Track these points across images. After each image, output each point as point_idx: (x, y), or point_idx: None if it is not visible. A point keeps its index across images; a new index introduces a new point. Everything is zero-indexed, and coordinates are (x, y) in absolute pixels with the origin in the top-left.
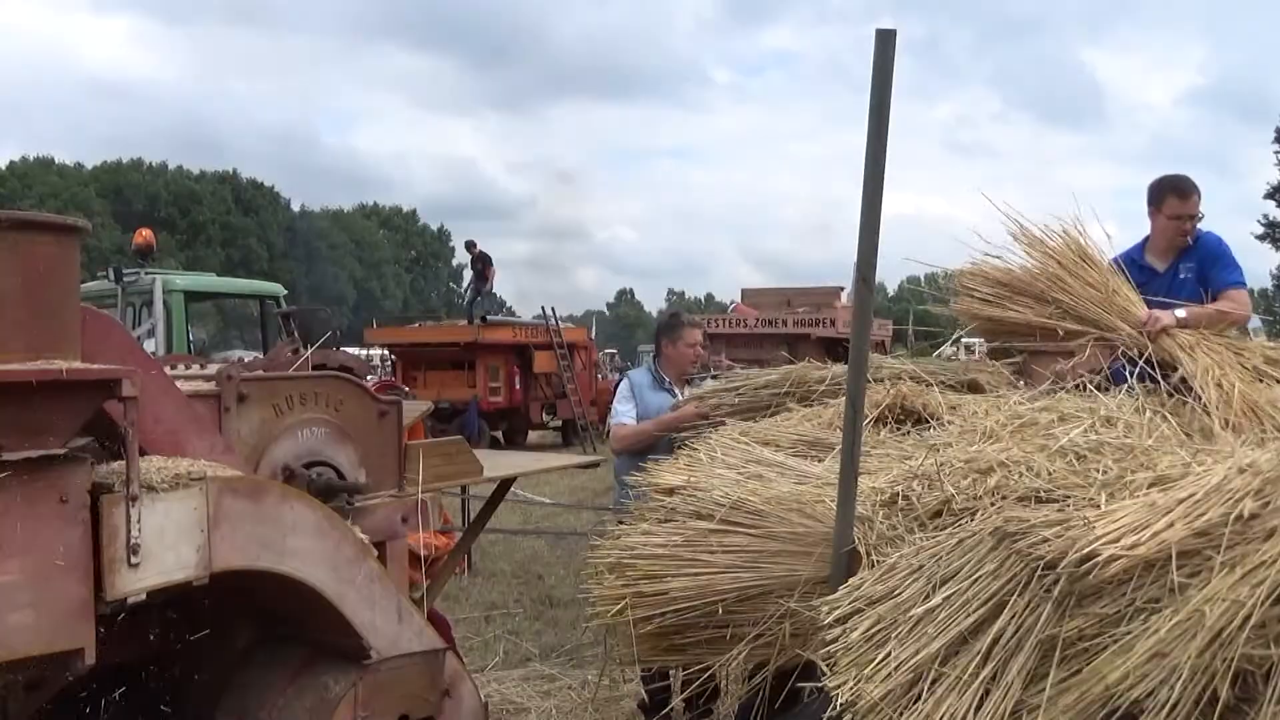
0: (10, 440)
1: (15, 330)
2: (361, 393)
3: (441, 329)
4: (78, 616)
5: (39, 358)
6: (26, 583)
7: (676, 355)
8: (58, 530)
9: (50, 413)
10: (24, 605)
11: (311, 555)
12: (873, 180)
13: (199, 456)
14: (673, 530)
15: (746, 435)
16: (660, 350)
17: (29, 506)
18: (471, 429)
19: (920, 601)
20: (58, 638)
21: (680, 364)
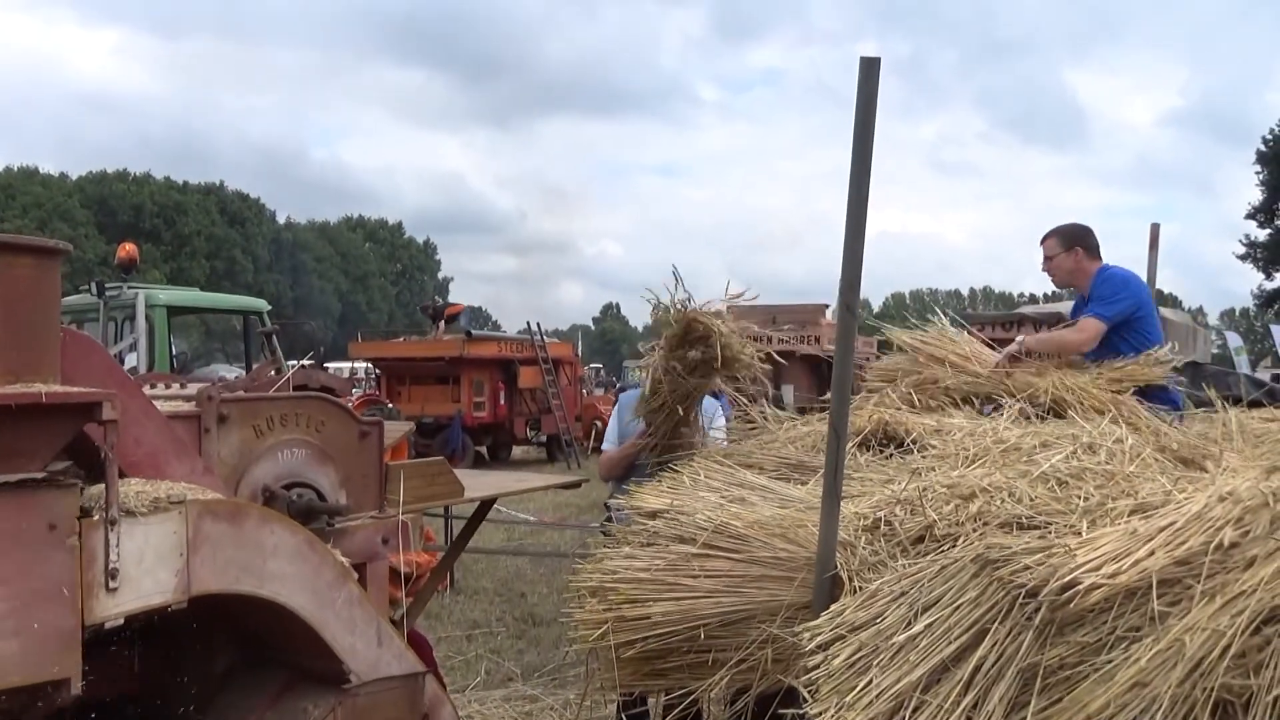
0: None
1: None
2: (343, 414)
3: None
4: (64, 645)
5: (17, 380)
6: (11, 611)
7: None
8: (45, 557)
9: (29, 436)
10: (9, 634)
11: (292, 579)
12: (856, 207)
13: (179, 479)
14: (655, 554)
15: (729, 458)
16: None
17: (15, 532)
18: (455, 444)
19: (902, 628)
20: (44, 667)
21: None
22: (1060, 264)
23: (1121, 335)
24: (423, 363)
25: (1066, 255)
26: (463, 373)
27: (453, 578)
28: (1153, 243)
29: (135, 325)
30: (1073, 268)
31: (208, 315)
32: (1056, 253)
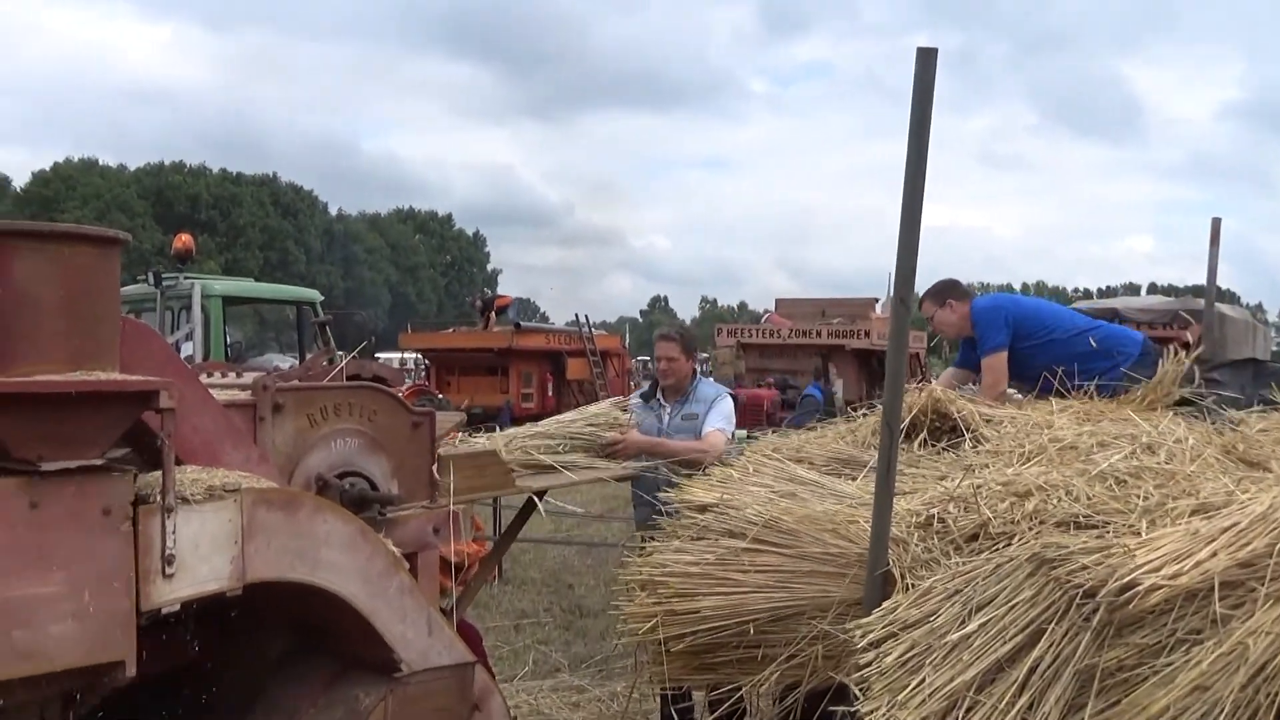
0: (49, 451)
1: (55, 341)
2: (395, 404)
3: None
4: (119, 628)
5: (78, 368)
6: (69, 594)
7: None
8: (101, 542)
9: (89, 424)
10: (66, 617)
11: (344, 568)
12: (912, 199)
13: (234, 467)
14: (705, 548)
15: (779, 452)
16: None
17: (72, 518)
18: None
19: (956, 627)
20: (99, 649)
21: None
22: (943, 319)
23: (1033, 344)
24: (472, 353)
25: (942, 310)
26: (511, 364)
27: (500, 568)
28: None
29: (191, 315)
30: (955, 319)
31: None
32: (933, 312)
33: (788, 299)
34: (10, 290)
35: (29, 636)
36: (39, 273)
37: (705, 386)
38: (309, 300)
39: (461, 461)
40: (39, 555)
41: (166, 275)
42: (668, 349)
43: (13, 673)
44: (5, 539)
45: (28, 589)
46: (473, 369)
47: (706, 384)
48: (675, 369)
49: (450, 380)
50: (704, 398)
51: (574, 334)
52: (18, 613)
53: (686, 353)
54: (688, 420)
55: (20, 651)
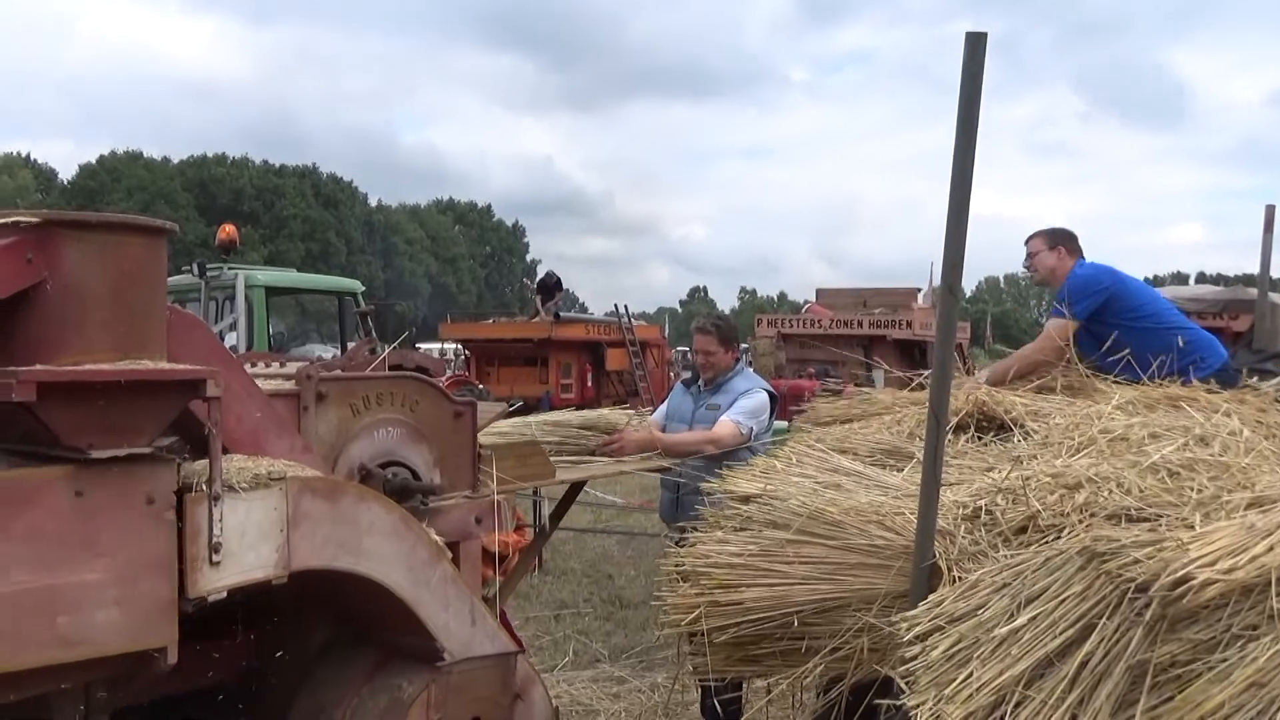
0: (98, 439)
1: (103, 330)
2: (437, 394)
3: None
4: (162, 615)
5: (126, 357)
6: (113, 581)
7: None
8: (144, 529)
9: (137, 412)
10: (110, 603)
11: (387, 557)
12: (960, 186)
13: (279, 456)
14: (748, 539)
15: (823, 443)
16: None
17: (117, 505)
18: None
19: (1004, 621)
20: (142, 636)
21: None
22: (1042, 260)
23: (1109, 324)
24: (511, 344)
25: (1049, 253)
26: (551, 354)
27: (541, 558)
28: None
29: (235, 305)
30: (1053, 265)
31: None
32: (1040, 249)
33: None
34: (59, 280)
35: (73, 622)
36: (87, 263)
37: (740, 379)
38: (350, 291)
39: (503, 452)
40: (84, 542)
41: (211, 266)
42: (705, 342)
43: (57, 658)
44: (52, 526)
45: (73, 576)
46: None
47: (744, 376)
48: (714, 362)
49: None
50: (733, 389)
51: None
52: (63, 599)
53: (725, 344)
54: (710, 410)
55: (64, 638)
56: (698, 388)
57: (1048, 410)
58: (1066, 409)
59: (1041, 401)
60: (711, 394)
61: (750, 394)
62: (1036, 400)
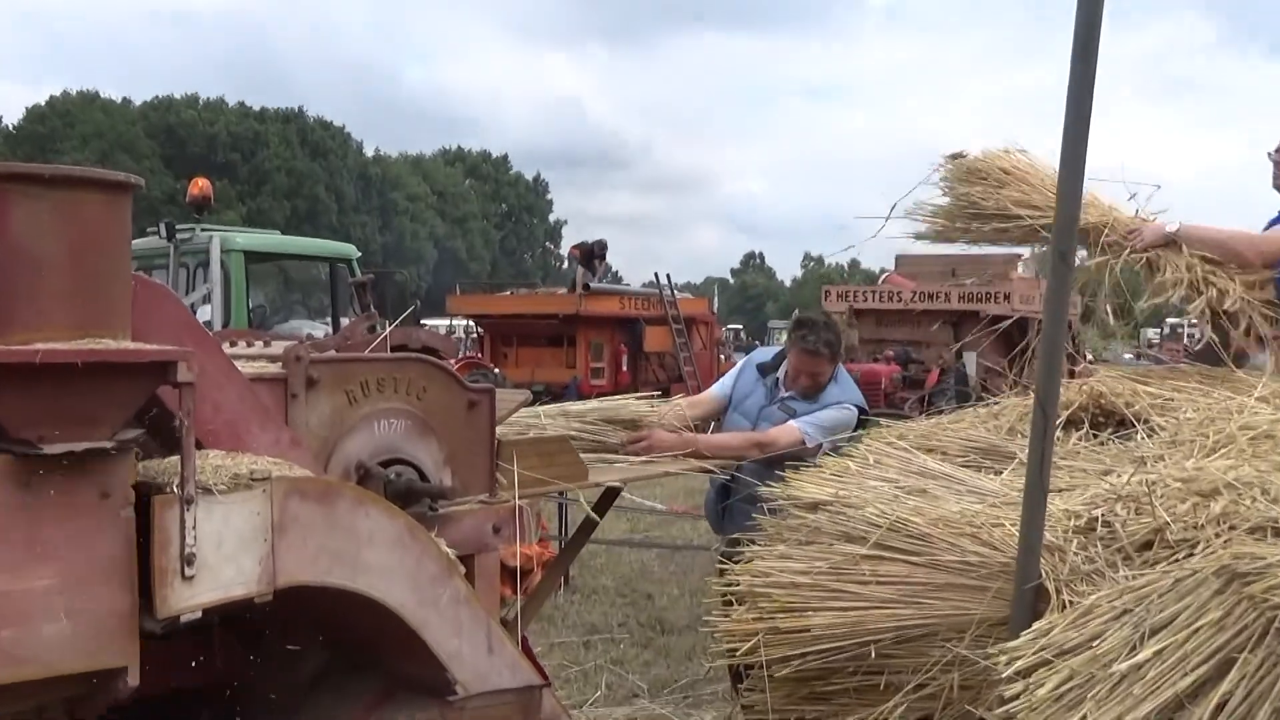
0: (50, 430)
1: (59, 303)
2: (448, 379)
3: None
4: (119, 631)
5: (85, 335)
6: (62, 591)
7: (789, 365)
8: (97, 530)
9: (97, 400)
10: (59, 615)
11: (390, 571)
12: (1075, 130)
13: (262, 452)
14: (816, 554)
15: (905, 439)
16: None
17: (65, 502)
18: None
19: (1125, 654)
20: (97, 654)
21: (789, 374)
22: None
23: None
24: (532, 321)
25: None
26: (579, 333)
27: (568, 575)
28: None
29: (209, 273)
30: None
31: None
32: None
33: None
34: (5, 244)
35: (18, 637)
36: (38, 224)
37: (834, 387)
38: (344, 256)
39: (525, 449)
40: (32, 548)
41: (180, 227)
42: (813, 364)
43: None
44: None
45: (19, 584)
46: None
47: (839, 384)
48: (821, 383)
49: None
50: (825, 398)
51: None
52: (7, 611)
53: (833, 359)
54: (784, 410)
55: (8, 654)
56: (776, 379)
57: (1177, 402)
58: (1200, 400)
59: (1170, 392)
60: (798, 397)
61: (840, 407)
62: (1164, 390)
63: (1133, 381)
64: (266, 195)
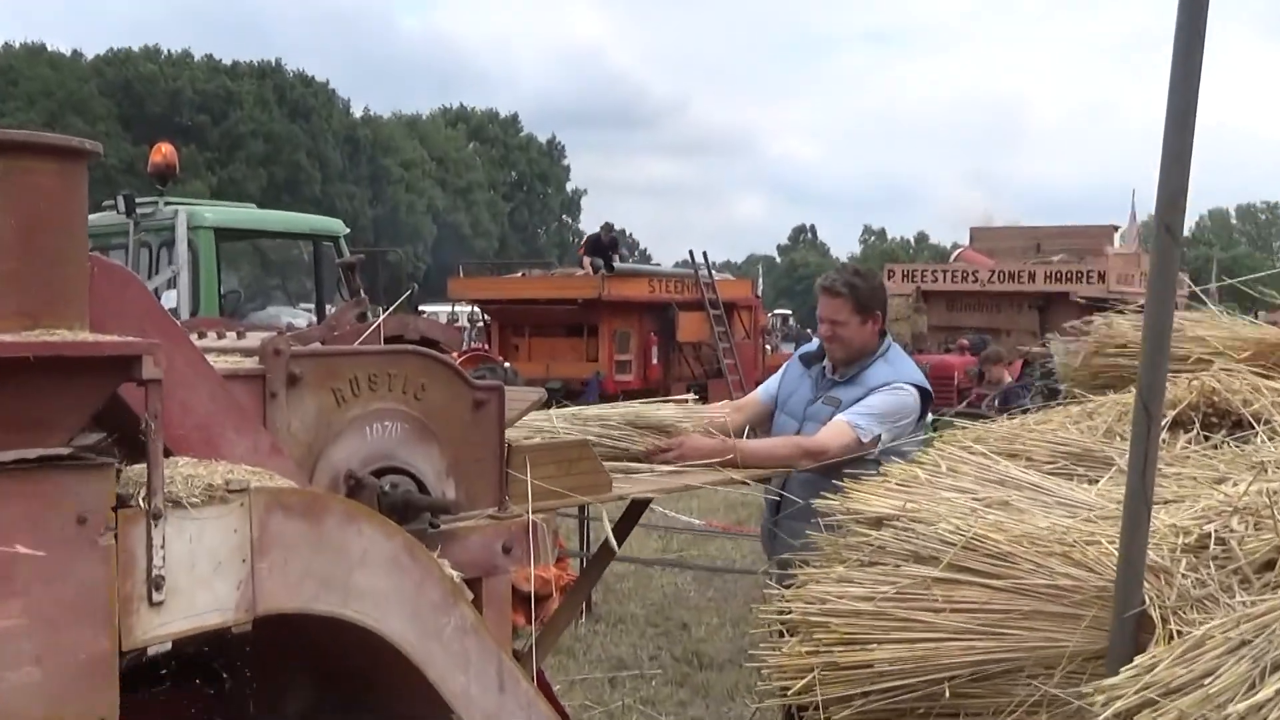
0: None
1: (5, 289)
2: (451, 375)
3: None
4: (97, 678)
5: (36, 325)
6: (29, 631)
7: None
8: (70, 560)
9: (51, 400)
10: (27, 660)
11: (385, 597)
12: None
13: (239, 460)
14: (881, 577)
15: (984, 443)
16: None
17: (32, 527)
18: None
19: (1242, 693)
20: (71, 703)
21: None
22: None
23: None
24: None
25: None
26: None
27: (590, 601)
28: None
29: (175, 254)
30: None
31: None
32: None
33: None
34: None
35: None
36: None
37: (882, 365)
38: (330, 233)
39: (541, 455)
40: None
41: (142, 201)
42: (832, 308)
43: None
44: None
45: None
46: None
47: (889, 362)
48: (844, 338)
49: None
50: (869, 379)
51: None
52: None
53: (862, 311)
54: (829, 404)
55: None
56: (821, 369)
57: None
58: None
59: None
60: (840, 383)
61: (890, 390)
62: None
63: (1252, 376)
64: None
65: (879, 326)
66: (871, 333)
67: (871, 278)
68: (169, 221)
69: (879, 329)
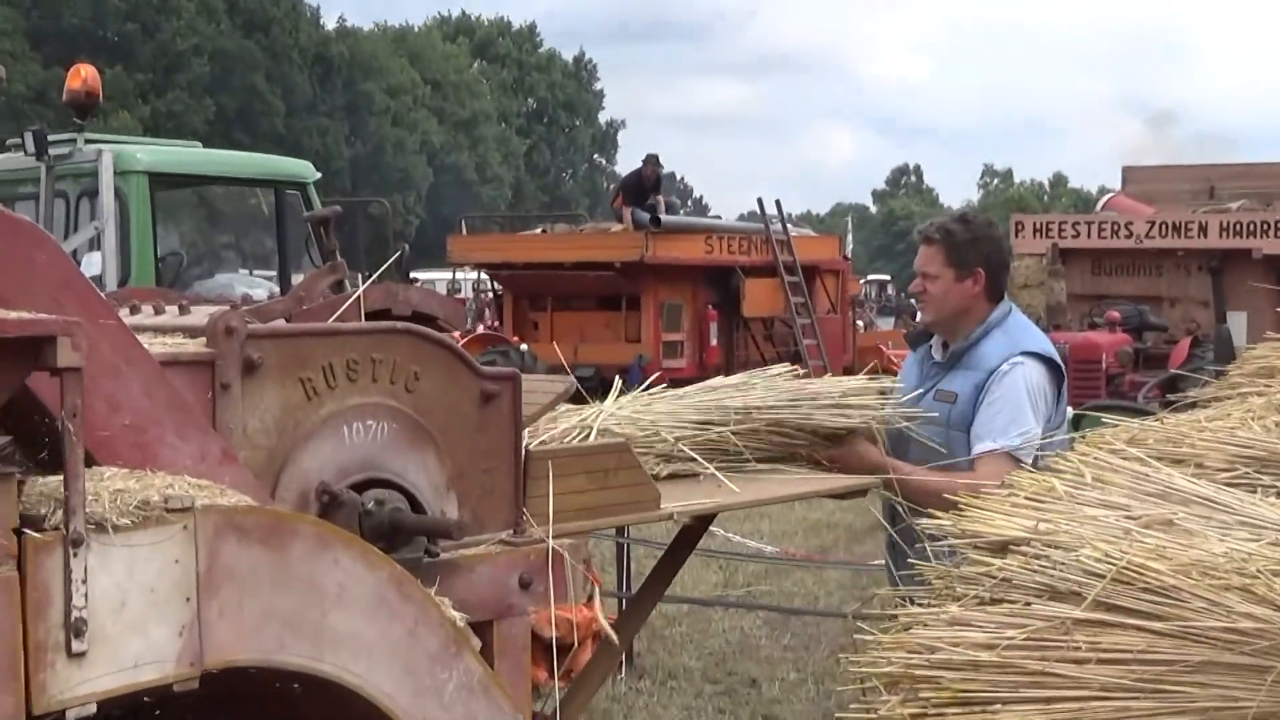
0: None
1: None
2: (452, 360)
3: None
4: None
5: None
6: None
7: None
8: None
9: None
10: None
11: (370, 647)
12: None
13: (181, 470)
14: (1007, 619)
15: (1141, 445)
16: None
17: None
18: None
19: None
20: None
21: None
22: None
23: None
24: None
25: None
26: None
27: (631, 650)
28: None
29: (99, 205)
30: None
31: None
32: None
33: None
34: None
35: None
36: None
37: (999, 339)
38: (296, 179)
39: (568, 462)
40: None
41: (55, 138)
42: (924, 257)
43: None
44: None
45: None
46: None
47: (1005, 333)
48: (933, 294)
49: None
50: (986, 361)
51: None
52: None
53: (958, 265)
54: (942, 400)
55: None
56: (928, 348)
57: None
58: None
59: None
60: (949, 367)
61: (1014, 372)
62: None
63: None
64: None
65: (982, 287)
66: (971, 294)
67: (979, 226)
68: (91, 165)
69: (983, 290)
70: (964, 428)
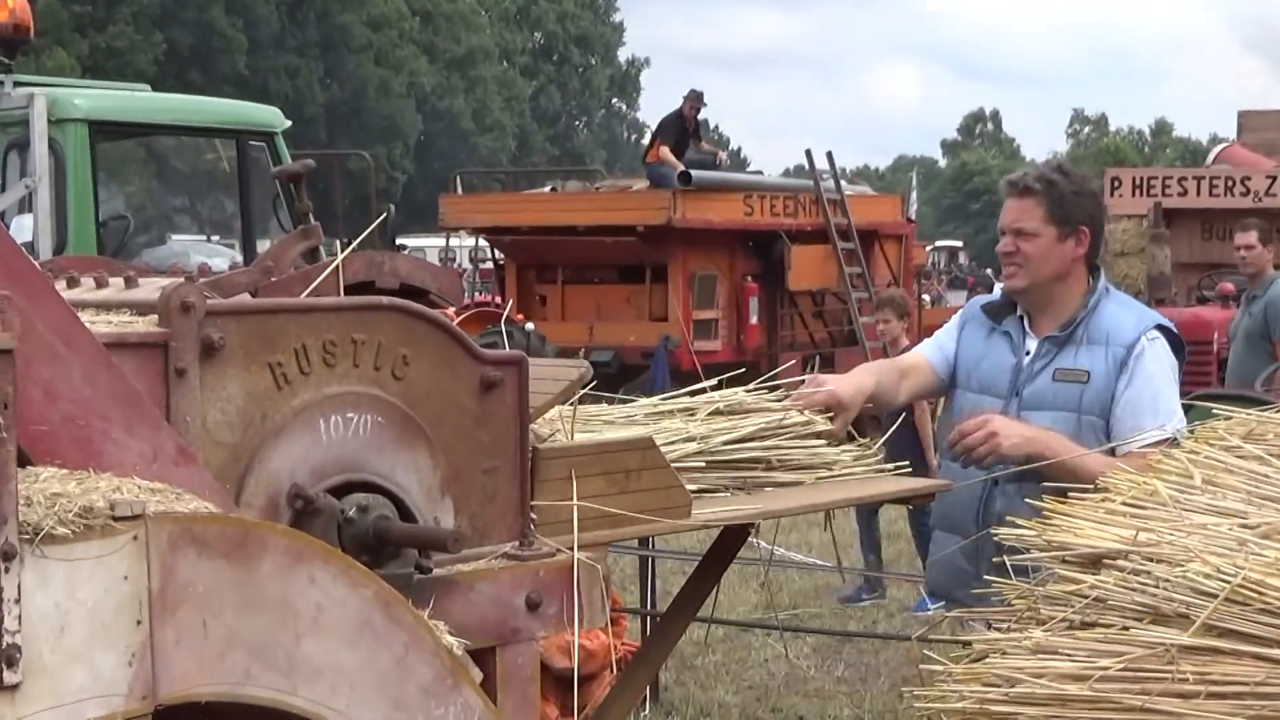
0: None
1: None
2: (447, 342)
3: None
4: None
5: None
6: None
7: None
8: None
9: None
10: None
11: (351, 677)
12: None
13: (129, 468)
14: (1100, 645)
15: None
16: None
17: None
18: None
19: None
20: None
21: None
22: None
23: None
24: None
25: None
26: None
27: (657, 682)
28: None
29: (30, 159)
30: None
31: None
32: None
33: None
34: None
35: None
36: None
37: (1115, 311)
38: (262, 128)
39: (586, 461)
40: None
41: None
42: (1017, 211)
43: None
44: None
45: None
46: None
47: (1119, 302)
48: (1030, 254)
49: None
50: (1119, 334)
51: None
52: None
53: (1061, 222)
54: (1066, 379)
55: None
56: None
57: None
58: None
59: None
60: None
61: (1149, 352)
62: None
63: None
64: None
65: (1084, 250)
66: (1071, 256)
67: (1082, 180)
68: (21, 112)
69: (1084, 254)
70: (1099, 412)
